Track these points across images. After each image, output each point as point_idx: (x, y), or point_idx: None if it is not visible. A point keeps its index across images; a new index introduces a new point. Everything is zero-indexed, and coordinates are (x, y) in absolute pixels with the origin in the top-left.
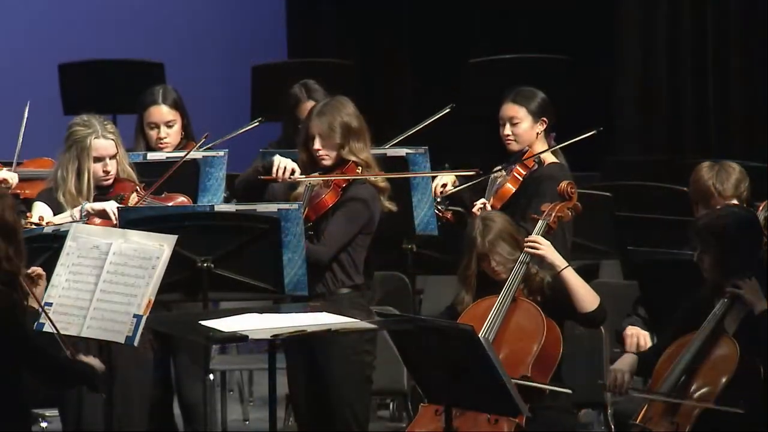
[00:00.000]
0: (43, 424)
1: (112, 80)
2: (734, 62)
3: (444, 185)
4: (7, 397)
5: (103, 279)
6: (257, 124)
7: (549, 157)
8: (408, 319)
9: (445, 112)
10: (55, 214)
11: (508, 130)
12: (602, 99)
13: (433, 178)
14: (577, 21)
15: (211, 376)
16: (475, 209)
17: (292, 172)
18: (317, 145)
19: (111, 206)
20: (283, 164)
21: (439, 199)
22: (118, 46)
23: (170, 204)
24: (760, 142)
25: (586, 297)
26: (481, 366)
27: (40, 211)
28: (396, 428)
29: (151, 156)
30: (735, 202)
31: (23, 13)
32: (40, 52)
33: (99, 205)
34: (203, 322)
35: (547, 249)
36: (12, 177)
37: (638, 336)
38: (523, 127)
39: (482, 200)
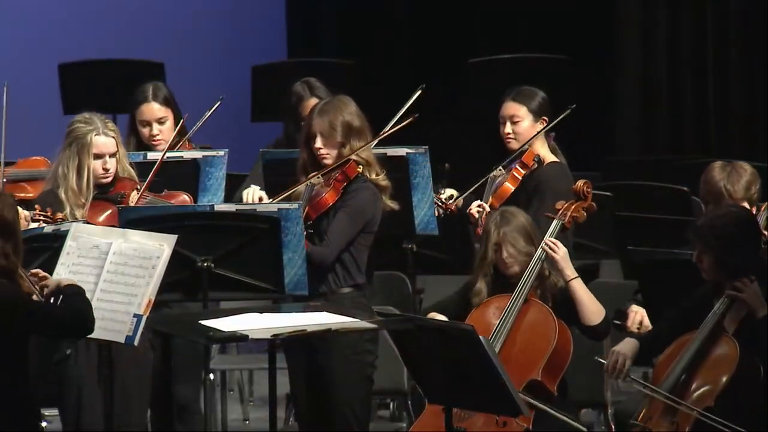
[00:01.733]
0: (43, 424)
1: (112, 80)
2: (734, 62)
3: (450, 197)
4: (14, 387)
5: (103, 279)
6: (219, 103)
7: (549, 157)
8: (408, 319)
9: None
10: (56, 212)
11: (508, 128)
12: (602, 99)
13: (435, 181)
14: (577, 21)
15: (212, 376)
16: (473, 211)
17: (260, 200)
18: (318, 143)
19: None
20: (250, 194)
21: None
22: (118, 46)
23: (171, 202)
24: (760, 142)
25: (592, 310)
26: (481, 366)
27: None
28: (396, 428)
29: (151, 155)
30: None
31: (23, 13)
32: (40, 52)
33: None
34: (203, 322)
35: (562, 255)
36: None
37: (643, 315)
38: (524, 125)
39: (478, 202)
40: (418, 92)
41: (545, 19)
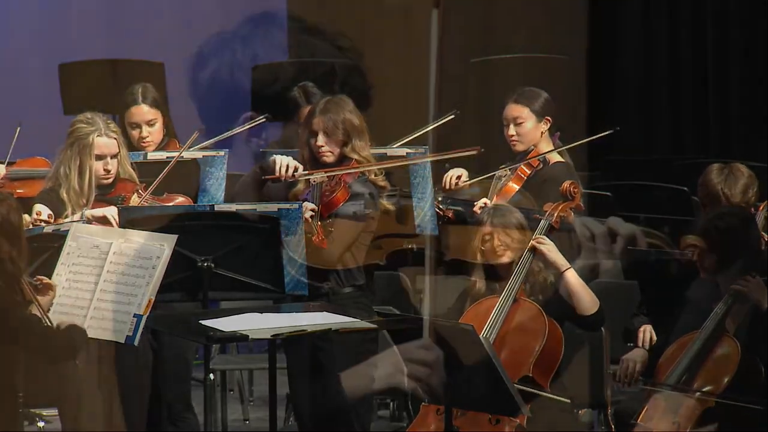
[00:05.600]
0: (41, 424)
1: (112, 80)
2: (734, 62)
3: (459, 177)
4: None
5: (103, 279)
6: (263, 120)
7: (554, 157)
8: (408, 319)
9: (449, 117)
10: (57, 212)
11: (512, 130)
12: (602, 99)
13: (434, 181)
14: (577, 21)
15: (212, 376)
16: (475, 208)
17: (295, 170)
18: (321, 141)
19: (110, 211)
20: (285, 162)
21: (449, 191)
22: (118, 46)
23: (170, 204)
24: (760, 142)
25: (587, 300)
26: (481, 366)
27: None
28: (396, 428)
29: (152, 156)
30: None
31: (23, 13)
32: (40, 52)
33: (99, 212)
34: (203, 322)
35: (551, 248)
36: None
37: (651, 332)
38: (528, 126)
39: (484, 200)
40: (450, 116)
41: (545, 19)
